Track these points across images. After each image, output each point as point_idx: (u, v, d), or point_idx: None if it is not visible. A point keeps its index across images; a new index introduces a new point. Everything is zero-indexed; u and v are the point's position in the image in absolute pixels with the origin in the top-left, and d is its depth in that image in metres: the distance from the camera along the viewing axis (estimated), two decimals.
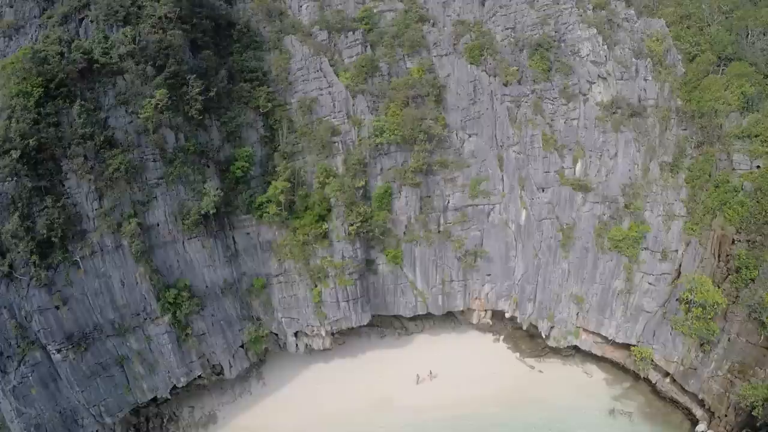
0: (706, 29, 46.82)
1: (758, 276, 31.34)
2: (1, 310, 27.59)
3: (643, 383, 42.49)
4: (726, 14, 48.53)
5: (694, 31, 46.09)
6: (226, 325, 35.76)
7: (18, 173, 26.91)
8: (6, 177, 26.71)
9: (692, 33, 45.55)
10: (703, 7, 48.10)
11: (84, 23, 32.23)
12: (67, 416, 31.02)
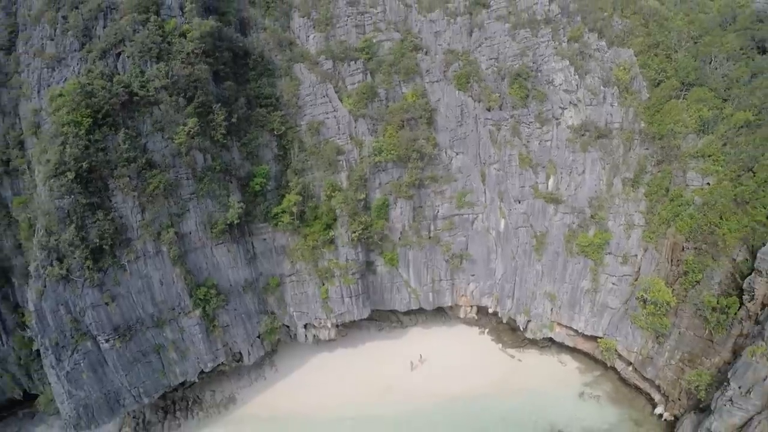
0: (674, 56, 49.42)
1: (702, 279, 34.58)
2: (58, 306, 31.41)
3: (611, 372, 45.74)
4: (695, 39, 51.12)
5: (662, 58, 48.26)
6: (246, 318, 39.52)
7: (73, 191, 30.56)
8: (63, 195, 30.38)
9: (659, 60, 47.89)
10: (671, 35, 51.05)
11: (121, 58, 35.61)
12: (110, 397, 34.84)
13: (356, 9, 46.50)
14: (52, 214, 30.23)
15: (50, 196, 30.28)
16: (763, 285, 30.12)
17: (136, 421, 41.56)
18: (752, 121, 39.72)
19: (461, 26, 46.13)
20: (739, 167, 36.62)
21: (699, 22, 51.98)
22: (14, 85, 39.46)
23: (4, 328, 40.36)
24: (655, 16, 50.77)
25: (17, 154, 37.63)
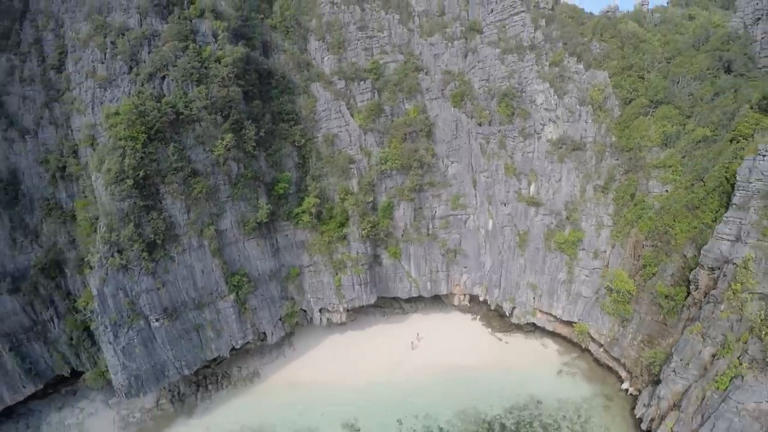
0: (647, 76, 53.87)
1: (658, 271, 39.47)
2: (117, 291, 36.30)
3: (587, 354, 50.19)
4: (668, 60, 55.20)
5: (634, 78, 52.24)
6: (271, 302, 44.52)
7: (131, 195, 35.43)
8: (123, 198, 35.26)
9: (632, 80, 52.00)
10: (645, 56, 55.42)
11: (166, 81, 40.37)
12: (157, 369, 39.72)
13: (365, 33, 51.22)
14: (113, 214, 35.12)
15: (112, 199, 35.16)
16: (705, 277, 35.04)
17: (172, 394, 46.56)
18: (709, 136, 44.25)
19: (457, 50, 50.91)
20: (693, 177, 41.39)
21: (674, 43, 55.77)
22: (66, 100, 44.01)
23: (57, 313, 45.17)
24: (632, 39, 54.81)
25: (72, 161, 42.35)
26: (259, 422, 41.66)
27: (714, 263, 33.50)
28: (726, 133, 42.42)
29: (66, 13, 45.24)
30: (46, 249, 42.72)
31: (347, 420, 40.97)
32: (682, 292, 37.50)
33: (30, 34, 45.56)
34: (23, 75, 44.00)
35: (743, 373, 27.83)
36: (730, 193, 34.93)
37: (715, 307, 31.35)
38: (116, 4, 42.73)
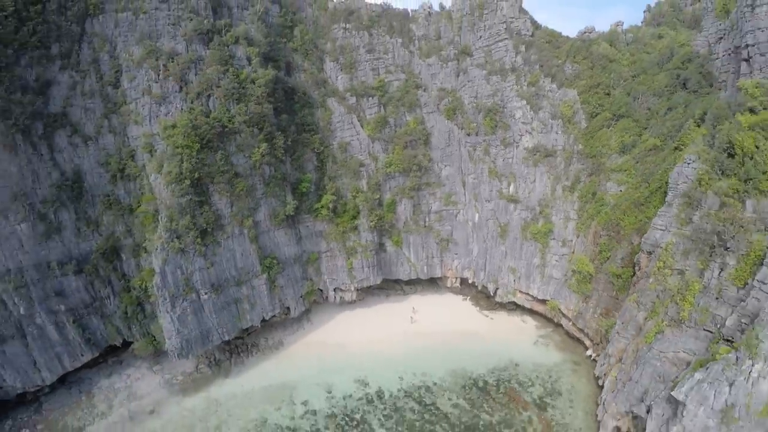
0: (612, 92, 62.20)
1: (611, 256, 48.22)
2: (176, 269, 44.15)
3: (560, 329, 58.14)
4: (633, 77, 63.44)
5: (601, 95, 59.82)
6: (294, 281, 52.59)
7: (188, 193, 43.26)
8: (182, 195, 43.03)
9: (598, 97, 59.92)
10: (612, 75, 63.63)
11: (211, 99, 48.38)
12: (204, 334, 47.66)
13: (373, 56, 59.24)
14: (173, 207, 43.02)
15: (172, 195, 43.05)
16: (644, 259, 43.62)
17: (209, 360, 54.45)
18: (658, 145, 52.83)
19: (451, 70, 59.14)
20: (641, 179, 49.93)
21: (640, 62, 62.47)
22: (123, 113, 51.25)
23: (113, 291, 52.78)
24: (602, 60, 62.75)
25: (131, 164, 49.98)
26: (283, 380, 49.76)
27: (650, 248, 42.06)
28: (672, 143, 51.06)
29: (119, 37, 52.49)
30: (105, 237, 50.22)
31: (358, 377, 49.26)
32: (629, 272, 46.11)
33: (88, 54, 52.70)
34: (84, 90, 51.22)
35: (664, 329, 36.35)
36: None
37: (646, 281, 40.04)
38: (164, 31, 50.39)
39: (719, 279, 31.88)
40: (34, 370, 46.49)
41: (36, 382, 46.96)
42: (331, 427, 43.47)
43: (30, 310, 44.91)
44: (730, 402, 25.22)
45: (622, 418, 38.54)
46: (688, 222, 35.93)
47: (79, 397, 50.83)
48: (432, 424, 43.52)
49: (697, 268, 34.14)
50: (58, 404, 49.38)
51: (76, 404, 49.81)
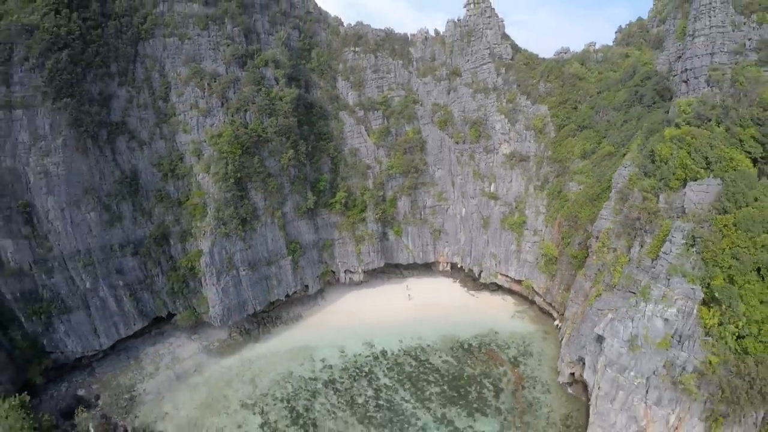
0: (579, 107, 73.89)
1: (570, 241, 59.67)
2: (221, 250, 54.57)
3: (535, 305, 69.36)
4: (598, 93, 75.20)
5: (569, 110, 71.36)
6: (312, 263, 63.34)
7: (232, 189, 53.81)
8: (227, 191, 53.60)
9: (566, 111, 71.55)
10: (579, 92, 75.11)
11: (248, 113, 59.10)
12: (241, 304, 58.19)
13: (378, 75, 70.32)
14: (220, 201, 53.70)
15: (219, 191, 53.68)
16: (594, 243, 55.01)
17: (240, 329, 64.94)
18: (612, 151, 64.52)
19: (443, 88, 70.39)
20: (596, 180, 61.42)
21: (606, 79, 73.81)
22: (172, 123, 61.54)
23: (162, 270, 63.04)
24: (572, 79, 74.26)
25: (180, 165, 60.40)
26: (304, 343, 60.47)
27: (597, 234, 53.51)
28: (622, 150, 62.54)
29: (167, 58, 62.80)
30: (156, 225, 60.46)
31: (366, 340, 60.10)
32: (584, 253, 57.31)
33: (141, 72, 62.93)
34: (139, 102, 61.40)
35: (601, 293, 47.61)
36: None
37: (591, 258, 51.50)
38: (206, 54, 61.02)
39: (639, 253, 43.19)
40: (94, 337, 56.24)
41: (94, 347, 56.77)
42: (344, 377, 54.33)
43: (95, 285, 54.92)
44: (634, 333, 36.43)
45: (574, 366, 49.75)
46: (621, 212, 47.34)
47: (127, 361, 60.46)
48: (426, 375, 54.56)
49: (626, 246, 45.47)
50: (110, 368, 58.85)
51: (126, 367, 59.50)
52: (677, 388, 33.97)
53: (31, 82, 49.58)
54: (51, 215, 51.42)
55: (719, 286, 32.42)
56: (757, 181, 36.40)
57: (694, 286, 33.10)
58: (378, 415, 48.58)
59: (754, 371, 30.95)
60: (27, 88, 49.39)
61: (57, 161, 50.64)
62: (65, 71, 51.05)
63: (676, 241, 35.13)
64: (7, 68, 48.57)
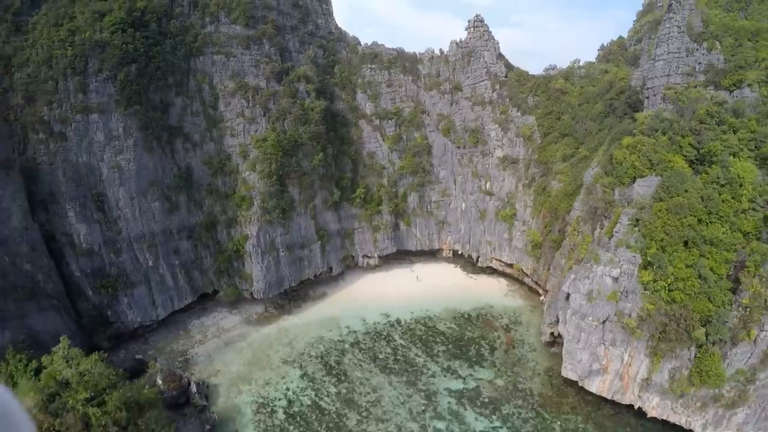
0: (562, 117, 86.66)
1: (551, 229, 71.73)
2: (266, 235, 65.73)
3: (525, 286, 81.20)
4: (579, 105, 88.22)
5: (552, 120, 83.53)
6: (336, 249, 74.79)
7: (274, 185, 65.29)
8: (271, 186, 65.10)
9: (550, 121, 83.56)
10: (562, 105, 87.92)
11: (286, 121, 70.60)
12: (280, 280, 68.95)
13: (391, 89, 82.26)
14: (265, 194, 65.08)
15: (264, 186, 65.04)
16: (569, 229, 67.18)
17: (274, 304, 76.10)
18: (587, 155, 76.82)
19: (447, 100, 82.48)
20: (573, 179, 73.47)
21: (586, 93, 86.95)
22: (221, 128, 72.51)
23: (210, 252, 73.87)
24: (556, 93, 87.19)
25: (228, 164, 71.52)
26: (331, 315, 71.74)
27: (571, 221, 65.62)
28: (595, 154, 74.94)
29: (215, 72, 73.76)
30: (206, 214, 71.56)
31: (382, 312, 71.49)
32: (561, 238, 69.14)
33: (194, 84, 73.91)
34: (192, 110, 72.37)
35: (572, 266, 59.55)
36: None
37: (566, 240, 63.57)
38: (249, 71, 72.32)
39: (599, 234, 55.20)
40: (152, 308, 67.06)
41: (152, 317, 67.52)
42: (367, 339, 65.80)
43: (156, 263, 65.83)
44: (590, 288, 48.31)
45: (554, 326, 61.59)
46: (587, 203, 59.49)
47: (177, 332, 71.10)
48: (434, 337, 66.21)
49: (590, 229, 57.48)
50: (162, 338, 69.37)
51: (176, 337, 70.12)
52: (626, 331, 45.95)
53: (105, 91, 59.64)
54: (121, 203, 61.98)
55: (653, 253, 44.48)
56: (688, 177, 48.55)
57: (635, 254, 45.13)
58: (396, 367, 60.11)
59: (680, 314, 42.96)
60: (102, 96, 59.54)
61: (128, 158, 61.42)
62: (134, 83, 61.69)
63: (624, 222, 47.20)
64: (83, 78, 58.43)
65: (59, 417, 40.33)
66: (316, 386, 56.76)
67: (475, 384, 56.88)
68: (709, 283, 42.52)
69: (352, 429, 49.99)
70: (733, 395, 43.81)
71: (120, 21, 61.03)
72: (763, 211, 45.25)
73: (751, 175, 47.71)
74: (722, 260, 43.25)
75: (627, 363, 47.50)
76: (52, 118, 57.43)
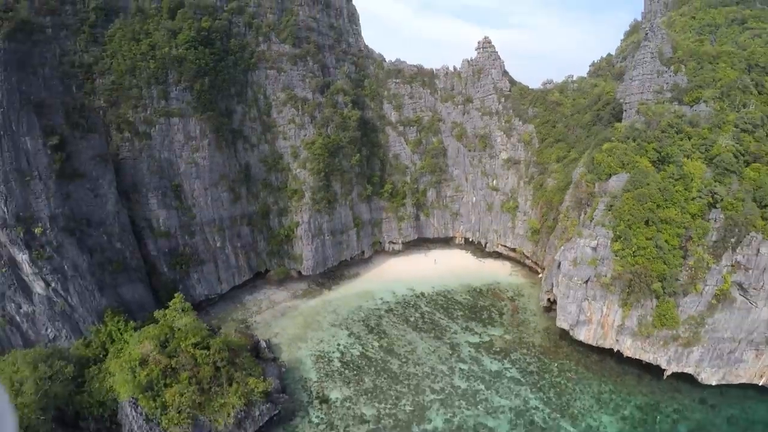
0: (556, 126, 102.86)
1: (548, 217, 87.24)
2: (315, 221, 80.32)
3: (526, 267, 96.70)
4: (570, 115, 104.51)
5: (548, 128, 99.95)
6: (368, 235, 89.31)
7: (322, 180, 79.90)
8: (320, 181, 79.63)
9: (546, 129, 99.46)
10: (557, 115, 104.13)
11: (329, 127, 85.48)
12: (324, 260, 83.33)
13: (412, 100, 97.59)
14: (314, 187, 79.75)
15: (313, 181, 79.81)
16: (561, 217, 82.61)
17: (315, 282, 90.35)
18: (576, 158, 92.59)
19: (460, 110, 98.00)
20: (565, 176, 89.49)
21: (577, 105, 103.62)
22: (274, 132, 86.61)
23: (263, 236, 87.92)
24: (552, 105, 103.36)
25: (280, 162, 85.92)
26: (366, 289, 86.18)
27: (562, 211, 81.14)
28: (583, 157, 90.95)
29: (269, 85, 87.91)
30: (261, 204, 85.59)
31: (409, 287, 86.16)
32: (555, 224, 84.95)
33: (251, 94, 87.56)
34: (250, 116, 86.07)
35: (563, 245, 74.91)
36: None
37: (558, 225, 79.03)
38: (297, 84, 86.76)
39: (583, 218, 70.63)
40: (218, 283, 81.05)
41: (217, 291, 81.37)
42: (398, 307, 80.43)
43: (223, 245, 79.89)
44: (575, 256, 63.50)
45: (549, 293, 76.80)
46: (575, 195, 75.07)
47: (235, 305, 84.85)
48: (452, 305, 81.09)
49: (577, 215, 72.85)
50: (222, 310, 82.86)
51: (234, 309, 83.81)
52: (603, 288, 61.31)
53: (183, 99, 72.95)
54: (196, 193, 75.74)
55: (622, 230, 59.98)
56: (650, 174, 64.12)
57: (608, 231, 60.57)
58: (424, 326, 74.90)
59: (642, 273, 58.28)
60: (181, 103, 73.01)
61: (203, 155, 75.42)
62: (207, 92, 75.70)
63: (601, 208, 62.71)
64: (165, 87, 71.33)
65: (174, 357, 53.99)
66: (361, 342, 71.24)
67: (489, 338, 71.88)
68: (663, 251, 58.13)
69: (395, 370, 64.54)
70: (688, 335, 59.00)
71: (191, 39, 73.56)
72: (706, 198, 61.04)
73: (700, 171, 63.45)
74: (674, 234, 58.87)
75: (605, 313, 62.82)
76: (137, 120, 69.61)
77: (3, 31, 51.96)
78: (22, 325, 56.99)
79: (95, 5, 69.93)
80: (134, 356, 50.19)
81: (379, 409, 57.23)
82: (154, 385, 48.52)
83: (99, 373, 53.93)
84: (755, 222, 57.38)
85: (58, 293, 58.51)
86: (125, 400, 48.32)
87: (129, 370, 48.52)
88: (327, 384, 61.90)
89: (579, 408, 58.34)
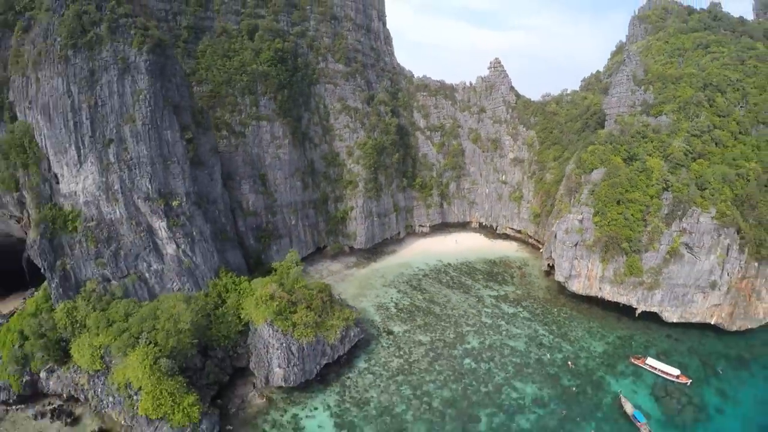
0: (553, 131, 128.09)
1: (545, 205, 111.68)
2: (367, 205, 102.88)
3: (531, 245, 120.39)
4: (565, 123, 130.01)
5: (547, 133, 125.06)
6: (403, 219, 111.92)
7: (372, 173, 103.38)
8: (370, 174, 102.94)
9: (545, 134, 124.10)
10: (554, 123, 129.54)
11: (376, 132, 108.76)
12: (374, 236, 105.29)
13: (437, 110, 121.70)
14: (366, 179, 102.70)
15: (366, 173, 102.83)
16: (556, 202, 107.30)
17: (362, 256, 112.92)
18: (569, 157, 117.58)
19: (475, 119, 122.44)
20: (560, 171, 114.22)
21: (570, 114, 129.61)
22: (332, 135, 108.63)
23: (323, 218, 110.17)
24: (549, 114, 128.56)
25: (337, 159, 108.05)
26: (405, 261, 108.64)
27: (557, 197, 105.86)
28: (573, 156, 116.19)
29: (327, 97, 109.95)
30: (321, 192, 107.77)
31: (438, 259, 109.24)
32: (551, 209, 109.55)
33: (314, 104, 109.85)
34: (313, 122, 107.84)
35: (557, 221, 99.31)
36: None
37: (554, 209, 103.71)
38: (349, 96, 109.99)
39: (572, 201, 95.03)
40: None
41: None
42: (432, 273, 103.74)
43: (296, 223, 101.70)
44: (569, 227, 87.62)
45: (548, 259, 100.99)
46: (567, 186, 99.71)
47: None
48: (474, 272, 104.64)
49: (568, 200, 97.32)
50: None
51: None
52: (587, 249, 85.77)
53: (269, 107, 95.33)
54: (277, 182, 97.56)
55: (600, 207, 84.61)
56: (621, 168, 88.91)
57: (591, 209, 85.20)
58: (455, 285, 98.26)
59: (614, 237, 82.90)
60: (267, 110, 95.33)
61: (285, 152, 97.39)
62: (286, 102, 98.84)
63: (585, 193, 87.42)
64: (255, 97, 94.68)
65: (292, 294, 76.16)
66: (409, 296, 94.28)
67: (504, 293, 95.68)
68: (630, 221, 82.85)
69: (438, 312, 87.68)
70: (650, 281, 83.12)
71: (271, 58, 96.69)
72: (661, 185, 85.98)
73: (658, 166, 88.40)
74: (638, 209, 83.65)
75: (590, 268, 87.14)
76: (233, 122, 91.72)
77: (147, 47, 62.92)
78: (149, 280, 73.81)
79: (186, 24, 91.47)
80: (264, 294, 72.02)
81: (431, 337, 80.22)
82: (283, 312, 70.44)
83: (225, 313, 73.75)
84: (696, 200, 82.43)
85: (186, 253, 77.72)
86: (262, 324, 69.81)
87: (263, 302, 70.43)
88: (389, 322, 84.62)
89: (574, 336, 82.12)
